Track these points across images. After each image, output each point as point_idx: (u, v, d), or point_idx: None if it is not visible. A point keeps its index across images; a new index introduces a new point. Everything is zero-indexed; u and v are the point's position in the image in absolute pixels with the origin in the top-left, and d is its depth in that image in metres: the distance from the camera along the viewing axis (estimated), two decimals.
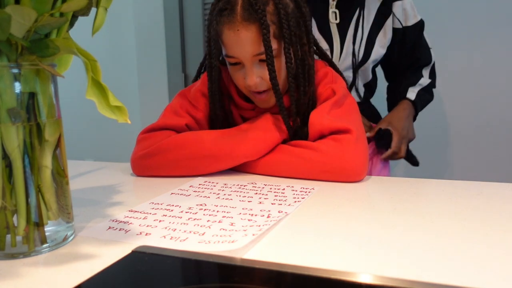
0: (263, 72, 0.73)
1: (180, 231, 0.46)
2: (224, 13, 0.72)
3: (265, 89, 0.75)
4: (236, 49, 0.72)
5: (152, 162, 0.74)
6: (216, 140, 0.73)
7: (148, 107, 2.21)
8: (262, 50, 0.71)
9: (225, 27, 0.71)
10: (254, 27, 0.70)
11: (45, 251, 0.41)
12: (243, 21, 0.70)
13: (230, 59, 0.74)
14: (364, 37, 1.04)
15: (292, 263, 0.36)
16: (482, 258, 0.38)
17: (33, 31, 0.38)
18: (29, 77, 0.39)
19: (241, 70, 0.75)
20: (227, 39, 0.72)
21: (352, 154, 0.68)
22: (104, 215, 0.52)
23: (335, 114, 0.75)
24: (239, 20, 0.70)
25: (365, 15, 1.04)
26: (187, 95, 0.83)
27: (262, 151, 0.73)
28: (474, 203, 0.55)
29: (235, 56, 0.73)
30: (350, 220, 0.49)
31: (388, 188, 0.64)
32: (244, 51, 0.71)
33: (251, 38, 0.70)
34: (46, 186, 0.41)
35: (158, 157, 0.74)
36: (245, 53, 0.71)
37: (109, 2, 0.42)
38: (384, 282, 0.32)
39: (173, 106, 0.82)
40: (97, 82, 0.40)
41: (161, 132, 0.79)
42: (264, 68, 0.73)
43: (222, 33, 0.72)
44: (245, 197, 0.59)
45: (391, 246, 0.41)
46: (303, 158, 0.70)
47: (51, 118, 0.41)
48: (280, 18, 0.71)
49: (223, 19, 0.72)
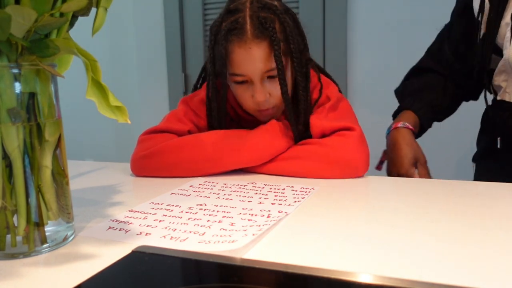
0: (271, 89, 0.74)
1: (180, 231, 0.46)
2: (233, 32, 0.72)
3: (272, 106, 0.76)
4: (248, 67, 0.72)
5: (152, 163, 0.74)
6: (217, 144, 0.74)
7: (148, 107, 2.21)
8: (272, 66, 0.72)
9: (236, 46, 0.72)
10: (265, 44, 0.71)
11: (45, 251, 0.41)
12: (254, 39, 0.71)
13: (237, 77, 0.74)
14: None
15: (292, 263, 0.36)
16: (481, 258, 0.38)
17: (33, 31, 0.38)
18: (29, 77, 0.39)
19: (248, 88, 0.75)
20: (238, 57, 0.72)
21: (357, 147, 0.70)
22: (104, 215, 0.52)
23: (333, 117, 0.76)
24: (250, 38, 0.71)
25: None
26: (189, 104, 0.83)
27: (266, 157, 0.73)
28: (474, 203, 0.55)
29: (245, 74, 0.73)
30: (350, 220, 0.49)
31: (388, 188, 0.64)
32: (256, 68, 0.72)
33: (263, 55, 0.71)
34: (46, 186, 0.41)
35: (158, 158, 0.74)
36: (257, 70, 0.72)
37: (109, 2, 0.42)
38: (384, 282, 0.32)
39: (177, 113, 0.83)
40: (97, 82, 0.40)
41: (163, 134, 0.79)
42: (272, 84, 0.74)
43: (232, 51, 0.72)
44: (245, 197, 0.59)
45: (391, 246, 0.41)
46: (309, 151, 0.71)
47: (51, 118, 0.41)
48: (286, 35, 0.73)
49: (233, 38, 0.72)
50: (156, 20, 2.13)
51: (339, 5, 1.78)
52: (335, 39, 1.81)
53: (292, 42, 0.73)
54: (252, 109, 0.78)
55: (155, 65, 2.17)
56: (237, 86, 0.76)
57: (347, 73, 1.81)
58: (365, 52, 1.79)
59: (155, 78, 2.18)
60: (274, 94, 0.75)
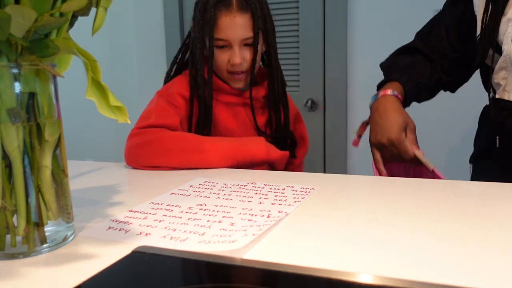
0: (246, 55, 0.89)
1: (180, 231, 0.46)
2: (222, 3, 0.86)
3: (243, 70, 0.90)
4: (230, 32, 0.86)
5: (147, 151, 0.79)
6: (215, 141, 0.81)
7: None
8: (250, 35, 0.87)
9: (223, 14, 0.86)
10: (247, 16, 0.87)
11: (45, 251, 0.41)
12: (239, 10, 0.86)
13: (220, 42, 0.87)
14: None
15: (292, 263, 0.36)
16: (482, 258, 0.38)
17: (33, 31, 0.38)
18: (29, 77, 0.39)
19: (226, 52, 0.88)
20: (223, 24, 0.86)
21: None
22: (104, 215, 0.52)
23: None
24: (235, 9, 0.86)
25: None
26: (166, 97, 0.90)
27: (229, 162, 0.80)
28: (474, 203, 0.55)
29: (227, 39, 0.87)
30: (350, 220, 0.49)
31: (388, 188, 0.64)
32: (237, 34, 0.86)
33: (244, 24, 0.86)
34: (46, 186, 0.40)
35: (154, 146, 0.78)
36: (237, 35, 0.86)
37: (109, 2, 0.42)
38: (384, 282, 0.32)
39: (163, 107, 0.87)
40: (97, 82, 0.40)
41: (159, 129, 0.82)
42: (246, 51, 0.89)
43: (219, 18, 0.86)
44: (245, 197, 0.59)
45: (391, 246, 0.41)
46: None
47: (51, 118, 0.41)
48: (264, 13, 0.89)
49: (221, 7, 0.86)
50: (156, 20, 2.13)
51: (339, 5, 1.78)
52: (335, 39, 1.80)
53: (267, 20, 0.89)
54: (225, 72, 0.91)
55: (155, 65, 2.17)
56: (217, 51, 0.89)
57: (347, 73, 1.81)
58: (365, 52, 1.79)
59: (155, 78, 2.18)
60: (247, 59, 0.89)
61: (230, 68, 0.89)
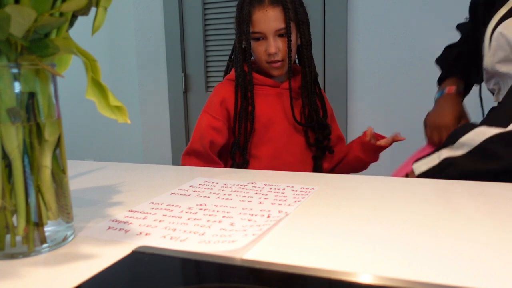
0: (280, 44, 0.98)
1: (180, 231, 0.46)
2: (255, 1, 0.97)
3: (279, 59, 0.98)
4: (263, 25, 0.96)
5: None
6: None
7: (148, 107, 2.21)
8: (282, 26, 0.96)
9: (256, 9, 0.97)
10: (278, 9, 0.96)
11: (44, 251, 0.41)
12: (270, 4, 0.96)
13: (256, 34, 0.98)
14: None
15: (292, 263, 0.36)
16: (482, 258, 0.38)
17: (32, 31, 0.38)
18: (29, 77, 0.39)
19: (263, 44, 0.98)
20: (257, 18, 0.96)
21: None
22: (104, 215, 0.52)
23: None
24: (267, 3, 0.96)
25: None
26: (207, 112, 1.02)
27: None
28: (474, 203, 0.55)
29: (262, 31, 0.97)
30: (350, 220, 0.49)
31: (388, 188, 0.64)
32: (270, 26, 0.96)
33: (276, 17, 0.96)
34: (45, 186, 0.40)
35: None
36: (271, 27, 0.96)
37: (109, 2, 0.42)
38: (384, 282, 0.32)
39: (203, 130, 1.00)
40: (97, 82, 0.40)
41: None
42: (281, 41, 0.98)
43: (253, 14, 0.97)
44: (245, 197, 0.59)
45: (391, 246, 0.41)
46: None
47: (51, 118, 0.41)
48: (295, 6, 0.98)
49: (254, 4, 0.97)
50: (156, 20, 2.13)
51: (339, 5, 1.78)
52: (335, 39, 1.81)
53: (299, 12, 0.98)
54: (264, 62, 1.00)
55: (155, 65, 2.17)
56: (255, 43, 0.99)
57: (347, 73, 1.81)
58: (365, 52, 1.79)
59: (155, 78, 2.18)
60: (282, 49, 0.98)
61: (268, 58, 0.98)
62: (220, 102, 1.01)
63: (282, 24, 0.96)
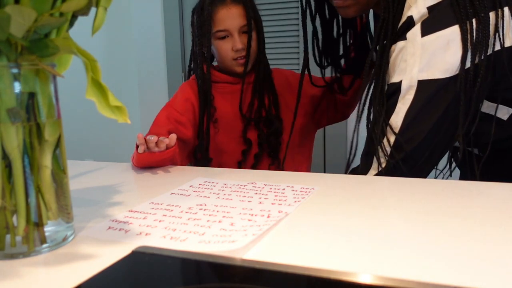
0: (245, 41, 0.99)
1: (180, 231, 0.46)
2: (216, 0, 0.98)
3: (245, 55, 1.00)
4: (228, 22, 0.97)
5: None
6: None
7: (148, 107, 2.21)
8: (245, 23, 0.98)
9: (219, 8, 0.98)
10: (240, 7, 0.98)
11: (44, 251, 0.41)
12: (232, 2, 0.98)
13: (220, 33, 0.99)
14: None
15: (292, 263, 0.36)
16: (482, 258, 0.38)
17: (32, 31, 0.38)
18: (29, 77, 0.39)
19: (228, 41, 0.99)
20: (221, 16, 0.97)
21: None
22: (104, 215, 0.52)
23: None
24: (229, 1, 0.98)
25: None
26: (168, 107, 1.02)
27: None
28: (474, 203, 0.55)
29: (226, 29, 0.98)
30: (350, 220, 0.49)
31: (388, 188, 0.64)
32: (235, 23, 0.98)
33: (239, 14, 0.98)
34: (45, 186, 0.40)
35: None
36: (235, 24, 0.98)
37: (109, 2, 0.42)
38: (384, 282, 0.32)
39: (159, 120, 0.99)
40: (97, 82, 0.40)
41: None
42: (245, 38, 0.99)
43: (217, 13, 0.97)
44: (245, 197, 0.59)
45: (391, 246, 0.41)
46: None
47: (51, 118, 0.41)
48: (253, 5, 1.01)
49: (217, 3, 0.98)
50: (156, 20, 2.13)
51: None
52: None
53: (255, 11, 1.01)
54: (230, 60, 1.00)
55: (155, 65, 2.17)
56: (220, 42, 1.00)
57: None
58: None
59: (155, 78, 2.18)
60: (246, 46, 1.00)
61: (234, 55, 1.00)
62: (185, 99, 1.02)
63: (245, 21, 0.98)
